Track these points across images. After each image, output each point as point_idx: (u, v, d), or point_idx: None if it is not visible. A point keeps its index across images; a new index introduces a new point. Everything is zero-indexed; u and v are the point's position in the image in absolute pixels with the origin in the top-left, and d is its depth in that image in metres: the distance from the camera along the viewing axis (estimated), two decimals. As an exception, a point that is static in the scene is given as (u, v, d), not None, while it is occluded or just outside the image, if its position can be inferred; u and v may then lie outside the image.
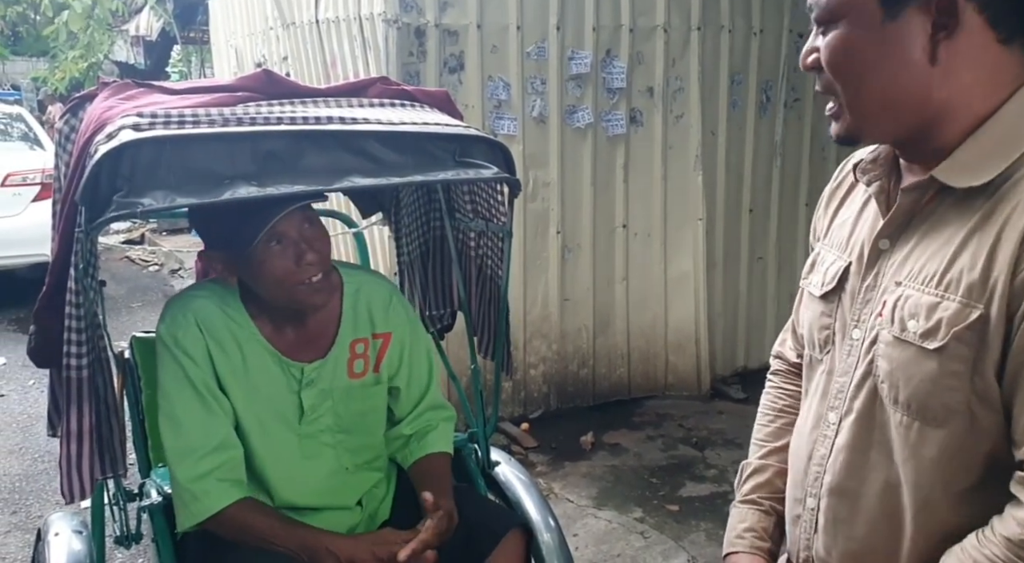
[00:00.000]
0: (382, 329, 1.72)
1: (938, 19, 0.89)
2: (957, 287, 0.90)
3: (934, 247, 0.94)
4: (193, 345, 1.57)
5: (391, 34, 3.53)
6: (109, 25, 10.10)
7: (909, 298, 0.94)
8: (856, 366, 1.02)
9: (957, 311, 0.90)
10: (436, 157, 1.52)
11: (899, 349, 0.95)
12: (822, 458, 1.06)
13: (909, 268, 0.96)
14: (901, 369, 0.95)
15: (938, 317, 0.91)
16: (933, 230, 0.95)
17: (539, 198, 3.95)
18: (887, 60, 0.92)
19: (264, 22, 5.06)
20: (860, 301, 1.03)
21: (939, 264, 0.92)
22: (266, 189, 1.34)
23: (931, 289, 0.92)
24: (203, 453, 1.54)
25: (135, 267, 7.72)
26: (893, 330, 0.95)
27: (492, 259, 1.94)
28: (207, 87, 1.58)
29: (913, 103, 0.93)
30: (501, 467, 1.99)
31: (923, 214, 0.97)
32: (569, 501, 3.40)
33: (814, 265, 1.14)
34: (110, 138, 1.31)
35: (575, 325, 4.16)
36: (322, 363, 1.66)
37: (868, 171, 1.05)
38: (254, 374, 1.62)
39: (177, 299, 1.64)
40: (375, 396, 1.74)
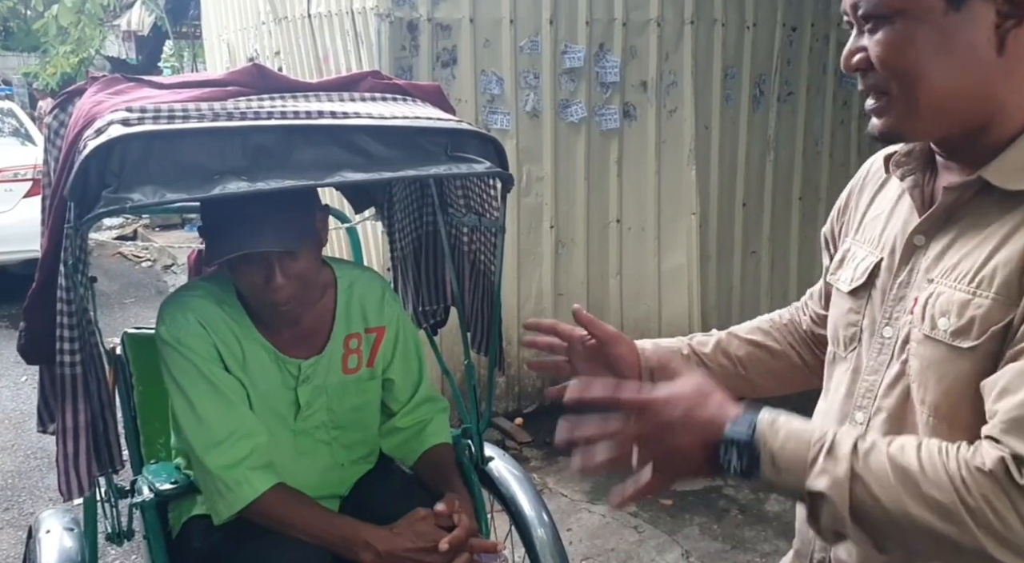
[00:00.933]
0: (375, 324, 1.74)
1: (1004, 7, 0.86)
2: (991, 284, 0.87)
3: (971, 245, 0.91)
4: (199, 343, 1.58)
5: (383, 28, 3.52)
6: (100, 20, 10.05)
7: (941, 295, 0.92)
8: (888, 365, 0.99)
9: (990, 309, 0.87)
10: (428, 151, 1.51)
11: (930, 348, 0.92)
12: None
13: (943, 265, 0.93)
14: (932, 368, 0.92)
15: (971, 315, 0.88)
16: (971, 228, 0.92)
17: (533, 193, 3.95)
18: (952, 54, 0.88)
19: (256, 17, 5.04)
20: (893, 298, 0.99)
21: (974, 262, 0.90)
22: (256, 184, 1.33)
23: (964, 286, 0.90)
24: (232, 442, 1.55)
25: (127, 263, 7.69)
26: (924, 328, 0.92)
27: (485, 254, 1.93)
28: (197, 82, 1.57)
29: (975, 99, 0.90)
30: (495, 462, 1.99)
31: (961, 211, 0.94)
32: (563, 496, 3.40)
33: (843, 261, 1.11)
34: (99, 133, 1.30)
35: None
36: (318, 359, 1.67)
37: (902, 164, 1.02)
38: (252, 370, 1.63)
39: (173, 300, 1.64)
40: (369, 391, 1.75)
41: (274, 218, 1.47)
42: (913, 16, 0.87)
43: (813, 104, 4.55)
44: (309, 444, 1.68)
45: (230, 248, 1.47)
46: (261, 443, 1.59)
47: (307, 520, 1.56)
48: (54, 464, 3.51)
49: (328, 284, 1.70)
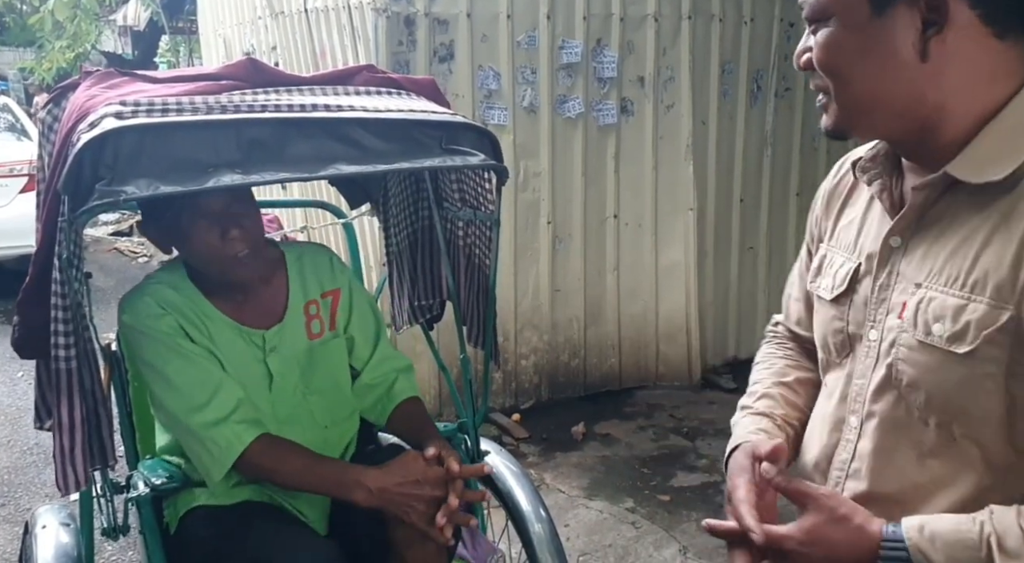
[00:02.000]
0: (330, 287, 1.80)
1: (927, 16, 0.88)
2: (984, 288, 0.88)
3: (953, 245, 0.92)
4: (162, 321, 1.62)
5: (380, 23, 3.51)
6: (96, 15, 10.01)
7: (933, 300, 0.92)
8: (874, 368, 0.99)
9: (986, 313, 0.87)
10: (422, 144, 1.51)
11: (925, 354, 0.92)
12: (843, 462, 1.03)
13: (928, 268, 0.94)
14: (930, 374, 0.92)
15: (966, 320, 0.88)
16: (950, 228, 0.93)
17: (530, 188, 3.94)
18: (873, 57, 0.91)
19: (253, 11, 5.02)
20: (874, 301, 1.00)
21: (962, 264, 0.90)
22: (250, 176, 1.33)
23: (956, 290, 0.90)
24: (214, 401, 1.58)
25: (124, 258, 7.67)
26: (917, 334, 0.93)
27: (480, 248, 1.93)
28: (191, 76, 1.56)
29: (904, 101, 0.92)
30: (491, 457, 1.98)
31: (935, 211, 0.95)
32: (560, 491, 3.40)
33: (821, 268, 1.11)
34: (92, 127, 1.29)
35: (566, 315, 4.16)
36: (280, 327, 1.72)
37: (868, 169, 1.04)
38: (221, 348, 1.66)
39: (130, 293, 1.69)
40: (337, 351, 1.80)
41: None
42: (841, 20, 0.92)
43: (810, 100, 4.55)
44: (287, 411, 1.71)
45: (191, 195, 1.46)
46: (242, 399, 1.62)
47: (297, 467, 1.59)
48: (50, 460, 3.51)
49: (277, 260, 1.78)
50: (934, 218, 0.95)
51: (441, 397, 3.89)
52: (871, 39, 0.90)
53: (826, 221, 1.14)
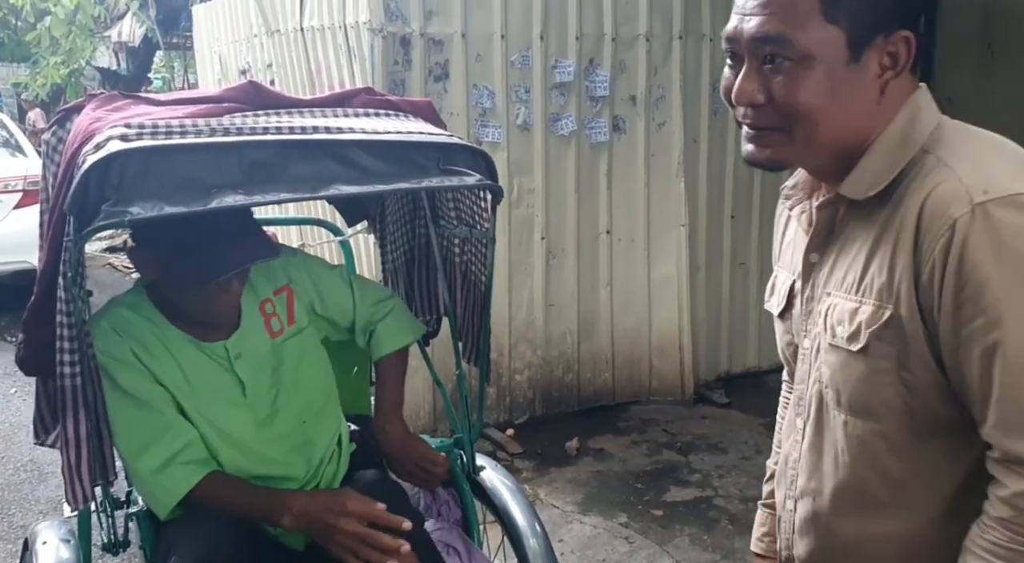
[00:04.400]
0: (281, 284, 1.82)
1: (886, 61, 0.96)
2: (871, 291, 0.98)
3: (851, 257, 1.02)
4: (115, 349, 1.62)
5: (376, 43, 3.55)
6: (91, 31, 10.05)
7: (836, 306, 1.02)
8: (809, 374, 1.10)
9: (871, 313, 0.97)
10: (420, 165, 1.54)
11: (833, 354, 1.03)
12: (795, 462, 1.14)
13: (835, 278, 1.04)
14: (838, 372, 1.02)
15: (858, 320, 0.98)
16: (848, 241, 1.03)
17: (524, 204, 3.98)
18: (847, 99, 0.96)
19: (248, 29, 5.07)
20: (803, 313, 1.11)
21: (856, 272, 1.00)
22: (252, 197, 1.36)
23: (852, 296, 1.00)
24: (156, 444, 1.60)
25: (118, 274, 7.67)
26: (827, 337, 1.03)
27: (476, 265, 1.96)
28: (194, 98, 1.60)
29: (857, 136, 0.99)
30: (486, 472, 2.01)
31: (839, 227, 1.05)
32: (554, 507, 3.42)
33: (773, 287, 1.22)
34: (98, 148, 1.32)
35: (560, 330, 4.19)
36: (239, 333, 1.72)
37: (791, 196, 1.13)
38: (187, 367, 1.67)
39: (93, 316, 1.67)
40: (302, 345, 1.82)
41: (242, 235, 1.57)
42: (821, 63, 0.94)
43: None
44: (266, 413, 1.73)
45: (210, 275, 1.54)
46: (190, 439, 1.63)
47: (233, 500, 1.62)
48: (44, 477, 3.51)
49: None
50: (838, 233, 1.05)
51: (436, 412, 3.91)
52: (846, 82, 0.95)
53: (776, 245, 1.25)
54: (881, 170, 0.98)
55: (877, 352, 0.97)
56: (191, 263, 1.54)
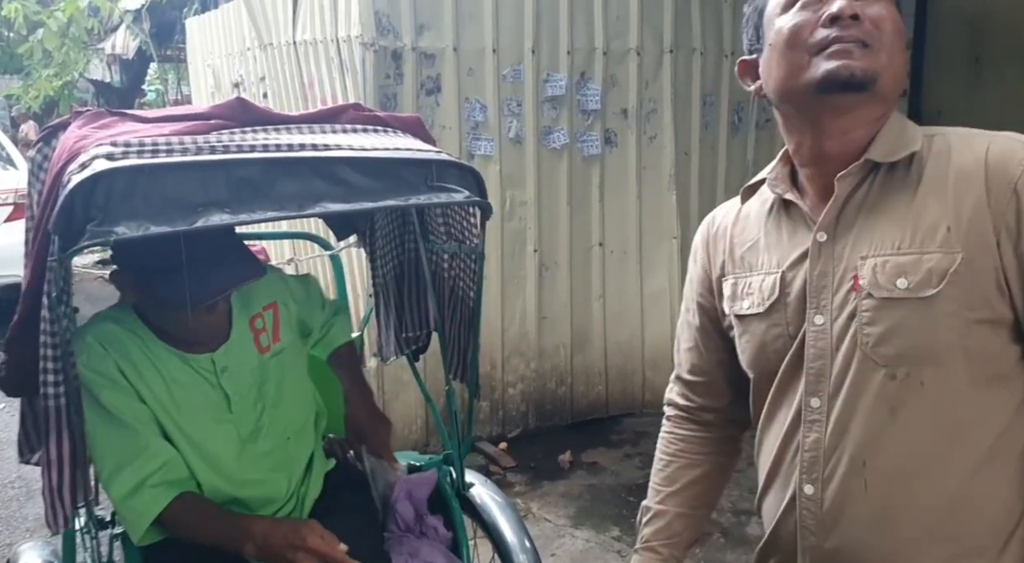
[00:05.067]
0: (269, 301, 1.84)
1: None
2: (933, 241, 1.04)
3: (888, 217, 1.07)
4: (100, 364, 1.62)
5: (368, 57, 3.56)
6: (84, 43, 10.05)
7: (887, 262, 1.06)
8: (834, 346, 1.10)
9: (940, 259, 1.03)
10: (408, 182, 1.54)
11: (891, 307, 1.05)
12: (815, 443, 1.11)
13: (869, 241, 1.08)
14: (900, 324, 1.05)
15: (926, 268, 1.03)
16: (878, 207, 1.09)
17: (516, 217, 3.99)
18: (902, 48, 1.08)
19: (241, 42, 5.07)
20: (814, 290, 1.11)
21: (903, 228, 1.06)
22: (239, 215, 1.35)
23: (908, 249, 1.05)
24: (129, 466, 1.59)
25: (110, 288, 7.64)
26: (880, 292, 1.06)
27: (465, 281, 1.96)
28: (180, 115, 1.59)
29: (897, 91, 1.09)
30: (476, 488, 2.00)
31: (854, 200, 1.11)
32: (547, 521, 3.41)
33: (737, 294, 1.22)
34: (83, 167, 1.31)
35: (553, 343, 4.18)
36: (227, 346, 1.73)
37: (776, 185, 1.19)
38: (172, 382, 1.67)
39: (78, 330, 1.66)
40: (286, 361, 1.84)
41: (224, 254, 1.57)
42: (892, 4, 1.08)
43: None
44: (250, 428, 1.73)
45: (197, 295, 1.53)
46: (166, 461, 1.62)
47: (199, 524, 1.62)
48: (32, 494, 3.47)
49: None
50: (854, 206, 1.11)
51: (428, 427, 3.89)
52: (902, 30, 1.08)
53: (719, 259, 1.27)
54: (909, 137, 1.09)
55: (948, 295, 1.02)
56: (172, 287, 1.52)
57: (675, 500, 1.34)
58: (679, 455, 1.37)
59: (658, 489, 1.36)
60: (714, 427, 1.36)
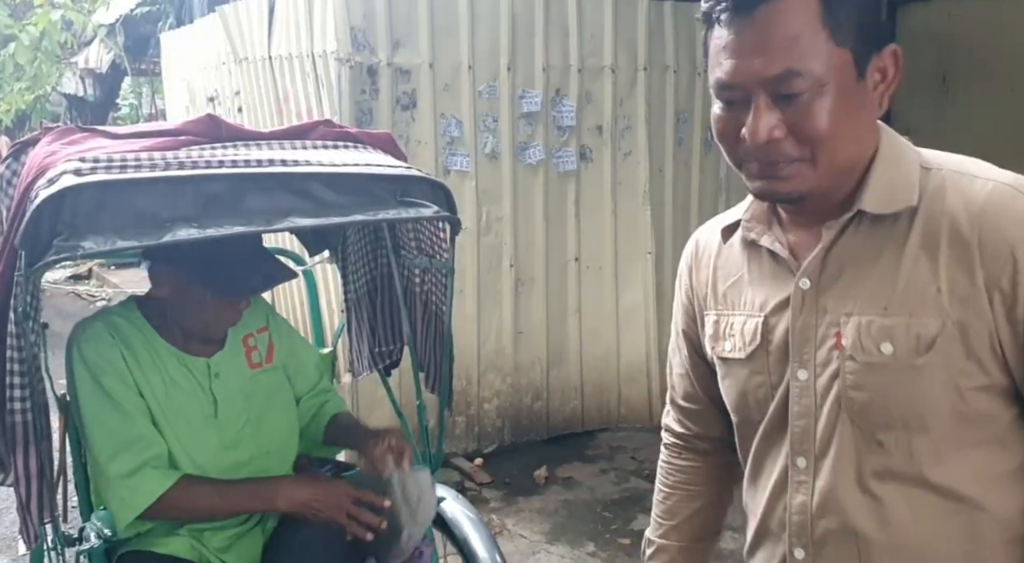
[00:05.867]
0: (262, 325, 1.90)
1: (878, 75, 0.97)
2: (921, 304, 0.95)
3: (875, 272, 0.98)
4: (108, 352, 1.66)
5: (344, 72, 3.57)
6: (57, 57, 9.97)
7: (872, 323, 0.98)
8: (818, 405, 1.03)
9: (928, 324, 0.95)
10: (378, 197, 1.55)
11: (877, 373, 0.98)
12: (802, 506, 1.05)
13: (855, 297, 1.00)
14: (886, 390, 0.97)
15: (914, 333, 0.95)
16: (865, 257, 1.00)
17: (492, 232, 4.00)
18: (859, 116, 0.97)
19: (216, 57, 5.07)
20: (797, 342, 1.04)
21: (893, 286, 0.97)
22: (206, 231, 1.36)
23: (895, 310, 0.97)
24: (128, 449, 1.62)
25: (82, 302, 7.57)
26: (864, 357, 0.98)
27: (436, 295, 1.97)
28: (150, 131, 1.60)
29: (864, 152, 1.00)
30: (448, 503, 2.00)
31: (838, 248, 1.02)
32: (523, 537, 3.40)
33: (719, 333, 1.14)
34: (51, 183, 1.32)
35: (529, 358, 4.19)
36: (222, 354, 1.79)
37: (752, 228, 1.09)
38: (168, 379, 1.72)
39: (85, 319, 1.75)
40: (276, 380, 1.89)
41: (257, 257, 1.71)
42: (835, 86, 0.93)
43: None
44: (232, 436, 1.75)
45: (241, 287, 1.69)
46: (160, 453, 1.66)
47: (216, 497, 1.67)
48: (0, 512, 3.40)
49: None
50: (839, 254, 1.02)
51: (403, 441, 3.88)
52: (856, 101, 0.96)
53: (702, 291, 1.18)
54: (902, 183, 0.98)
55: (935, 363, 0.95)
56: (217, 280, 1.63)
57: (677, 534, 1.29)
58: (678, 487, 1.30)
59: (660, 522, 1.31)
60: (711, 456, 1.29)
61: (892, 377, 0.97)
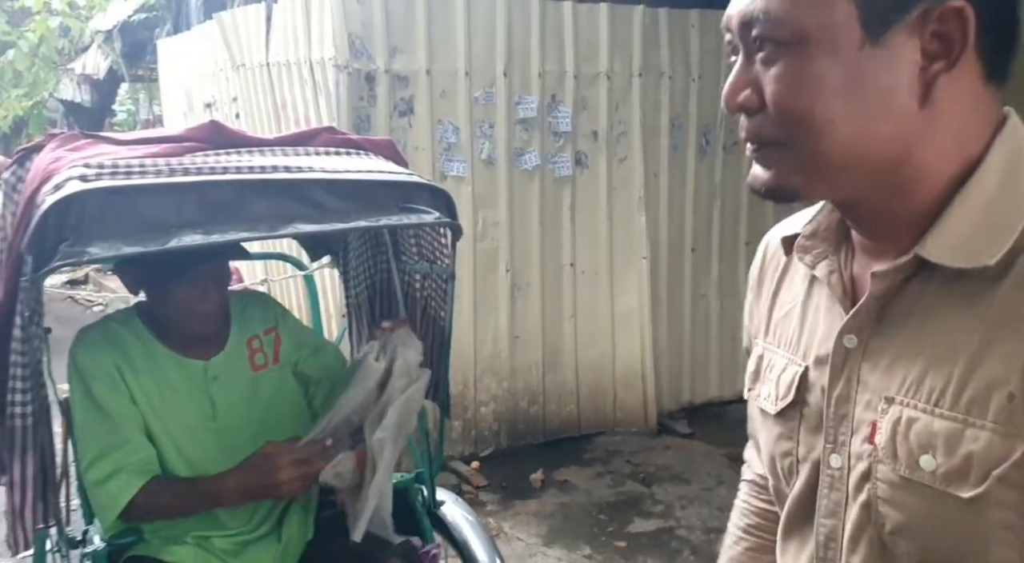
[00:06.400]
0: (270, 325, 1.88)
1: (932, 45, 0.67)
2: (987, 408, 0.66)
3: (934, 348, 0.70)
4: (101, 359, 1.67)
5: (342, 79, 3.60)
6: (55, 63, 9.99)
7: (915, 422, 0.70)
8: (846, 506, 0.77)
9: (992, 442, 0.65)
10: (380, 203, 1.58)
11: (914, 494, 0.70)
12: None
13: (902, 377, 0.72)
14: (924, 520, 0.71)
15: (966, 451, 0.67)
16: (926, 324, 0.71)
17: (489, 237, 4.03)
18: (865, 99, 0.68)
19: (214, 63, 5.09)
20: (833, 417, 0.78)
21: (951, 373, 0.68)
22: (211, 236, 1.38)
23: (946, 410, 0.68)
24: (108, 456, 1.62)
25: (79, 308, 7.56)
26: (899, 468, 0.71)
27: (436, 300, 1.99)
28: (154, 138, 1.62)
29: (889, 157, 0.70)
30: (447, 507, 2.02)
31: (901, 302, 0.73)
32: (519, 540, 3.42)
33: (759, 372, 0.89)
34: (57, 189, 1.34)
35: (525, 362, 4.21)
36: (223, 355, 1.78)
37: (809, 249, 0.81)
38: (164, 382, 1.72)
39: (86, 327, 1.76)
40: (281, 381, 1.87)
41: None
42: (822, 47, 0.68)
43: (757, 152, 4.73)
44: (232, 439, 1.75)
45: (187, 266, 1.60)
46: (144, 457, 1.66)
47: (175, 497, 1.65)
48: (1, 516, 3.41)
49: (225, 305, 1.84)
50: (900, 311, 0.73)
51: (400, 446, 3.89)
52: (862, 73, 0.68)
53: (758, 311, 0.93)
54: (994, 227, 0.67)
55: (999, 500, 0.65)
56: (164, 263, 1.57)
57: None
58: (751, 532, 1.04)
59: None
60: None
61: (937, 504, 0.69)
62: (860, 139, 0.69)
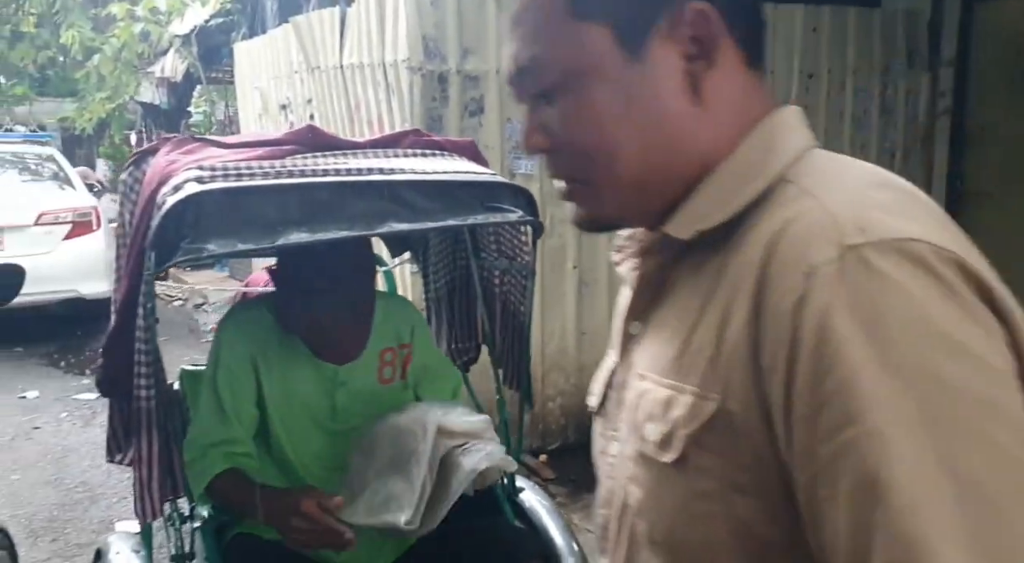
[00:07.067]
0: (407, 341, 1.92)
1: (690, 48, 0.69)
2: (693, 373, 0.66)
3: (675, 321, 0.71)
4: (238, 351, 1.77)
5: (415, 80, 3.70)
6: (135, 67, 10.42)
7: (646, 394, 0.71)
8: (615, 494, 0.76)
9: (690, 406, 0.66)
10: (466, 202, 1.66)
11: (644, 467, 0.70)
12: None
13: (649, 354, 0.73)
14: (650, 495, 0.70)
15: (672, 417, 0.67)
16: (672, 303, 0.73)
17: (556, 234, 4.08)
18: (642, 111, 0.70)
19: (289, 66, 5.26)
20: (615, 405, 0.78)
21: (676, 345, 0.69)
22: (316, 234, 1.48)
23: (666, 379, 0.69)
24: (210, 437, 1.72)
25: (160, 302, 7.89)
26: (634, 442, 0.72)
27: (515, 296, 2.06)
28: (256, 141, 1.73)
29: (682, 161, 0.71)
30: (526, 493, 2.09)
31: (670, 281, 0.74)
32: (589, 531, 3.47)
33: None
34: (176, 190, 1.45)
35: (592, 358, 4.26)
36: (354, 365, 1.81)
37: (623, 248, 0.81)
38: (292, 379, 1.79)
39: (236, 308, 1.89)
40: (404, 398, 1.91)
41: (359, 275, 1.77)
42: (592, 76, 0.70)
43: (832, 150, 4.66)
44: (344, 445, 1.81)
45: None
46: (239, 450, 1.72)
47: (236, 493, 1.67)
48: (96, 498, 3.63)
49: (369, 304, 1.85)
50: (667, 291, 0.74)
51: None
52: (632, 89, 0.69)
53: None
54: (720, 202, 0.69)
55: (697, 465, 0.65)
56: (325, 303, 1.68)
57: None
58: None
59: None
60: None
61: (654, 476, 0.69)
62: (649, 151, 0.70)
